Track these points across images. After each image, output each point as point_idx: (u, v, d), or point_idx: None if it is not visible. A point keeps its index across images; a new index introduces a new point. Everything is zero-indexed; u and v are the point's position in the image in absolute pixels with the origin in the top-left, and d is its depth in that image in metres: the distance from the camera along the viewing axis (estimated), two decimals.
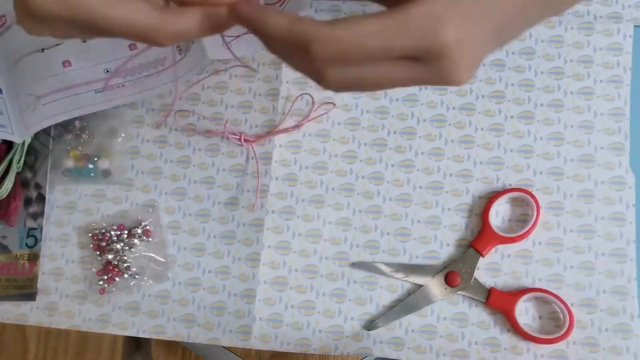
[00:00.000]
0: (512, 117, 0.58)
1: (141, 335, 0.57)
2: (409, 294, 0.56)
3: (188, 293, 0.58)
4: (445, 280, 0.55)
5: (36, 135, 0.61)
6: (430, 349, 0.55)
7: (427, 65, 0.32)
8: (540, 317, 0.54)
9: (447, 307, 0.55)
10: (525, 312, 0.54)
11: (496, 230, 0.55)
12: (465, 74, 0.33)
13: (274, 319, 0.57)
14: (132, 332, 0.57)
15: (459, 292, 0.55)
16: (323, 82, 0.34)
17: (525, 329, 0.53)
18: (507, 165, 0.57)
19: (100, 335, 0.59)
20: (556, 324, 0.54)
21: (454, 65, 0.32)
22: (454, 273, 0.55)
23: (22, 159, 0.60)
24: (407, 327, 0.55)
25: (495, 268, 0.55)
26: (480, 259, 0.55)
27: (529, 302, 0.55)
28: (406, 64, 0.33)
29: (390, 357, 0.55)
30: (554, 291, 0.54)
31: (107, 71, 0.59)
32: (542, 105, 0.58)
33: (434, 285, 0.55)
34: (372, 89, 0.35)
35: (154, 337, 0.57)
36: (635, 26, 0.58)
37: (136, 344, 0.65)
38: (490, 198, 0.56)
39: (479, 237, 0.55)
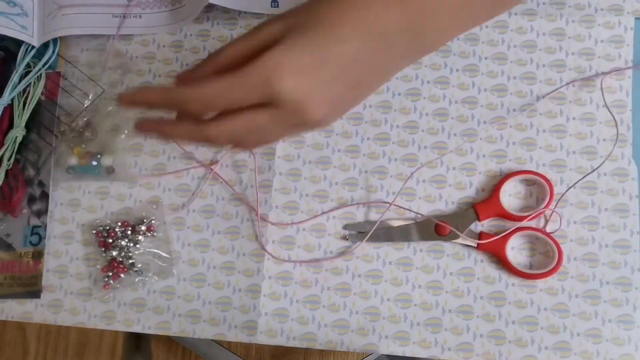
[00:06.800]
0: (514, 110, 0.58)
1: (147, 331, 0.57)
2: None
3: (193, 289, 0.58)
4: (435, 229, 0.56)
5: (39, 133, 0.61)
6: (435, 342, 0.55)
7: (280, 109, 0.37)
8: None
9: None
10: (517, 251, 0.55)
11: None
12: (316, 113, 0.38)
13: (279, 314, 0.57)
14: (137, 329, 0.57)
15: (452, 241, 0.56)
16: (210, 139, 0.39)
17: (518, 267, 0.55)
18: (510, 158, 0.57)
19: (101, 335, 0.59)
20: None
21: (301, 107, 0.37)
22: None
23: (13, 156, 0.60)
24: (413, 321, 0.55)
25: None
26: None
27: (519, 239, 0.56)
28: (264, 110, 0.37)
29: (395, 353, 0.55)
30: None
31: None
32: (544, 97, 0.58)
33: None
34: (251, 143, 0.41)
35: (160, 333, 0.57)
36: (636, 18, 0.59)
37: (136, 344, 0.65)
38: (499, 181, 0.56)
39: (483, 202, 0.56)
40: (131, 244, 0.58)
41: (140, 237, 0.59)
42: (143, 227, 0.59)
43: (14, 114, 0.61)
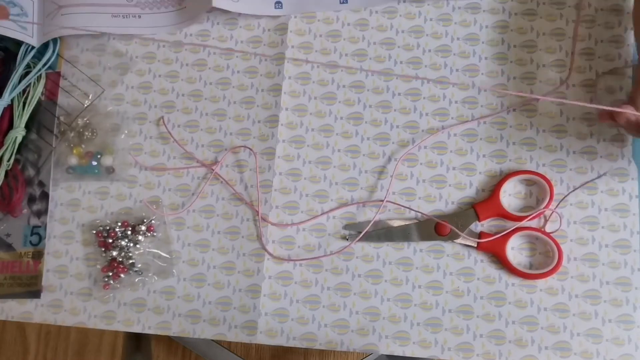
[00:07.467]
0: (514, 110, 0.58)
1: (147, 331, 0.57)
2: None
3: (193, 289, 0.58)
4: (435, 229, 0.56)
5: (39, 133, 0.61)
6: (435, 342, 0.55)
7: None
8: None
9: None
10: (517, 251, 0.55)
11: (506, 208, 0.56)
12: None
13: (279, 314, 0.57)
14: (137, 329, 0.57)
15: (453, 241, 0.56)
16: None
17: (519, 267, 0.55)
18: (510, 158, 0.57)
19: (101, 334, 0.59)
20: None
21: None
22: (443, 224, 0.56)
23: (13, 156, 0.61)
24: (413, 321, 0.55)
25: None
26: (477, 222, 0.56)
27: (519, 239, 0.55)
28: None
29: (395, 353, 0.55)
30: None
31: None
32: (544, 97, 0.58)
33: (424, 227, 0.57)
34: None
35: (160, 333, 0.57)
36: None
37: (136, 344, 0.65)
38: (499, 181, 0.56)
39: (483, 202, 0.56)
40: (131, 244, 0.58)
41: (140, 237, 0.59)
42: (143, 227, 0.59)
43: (14, 114, 0.61)
